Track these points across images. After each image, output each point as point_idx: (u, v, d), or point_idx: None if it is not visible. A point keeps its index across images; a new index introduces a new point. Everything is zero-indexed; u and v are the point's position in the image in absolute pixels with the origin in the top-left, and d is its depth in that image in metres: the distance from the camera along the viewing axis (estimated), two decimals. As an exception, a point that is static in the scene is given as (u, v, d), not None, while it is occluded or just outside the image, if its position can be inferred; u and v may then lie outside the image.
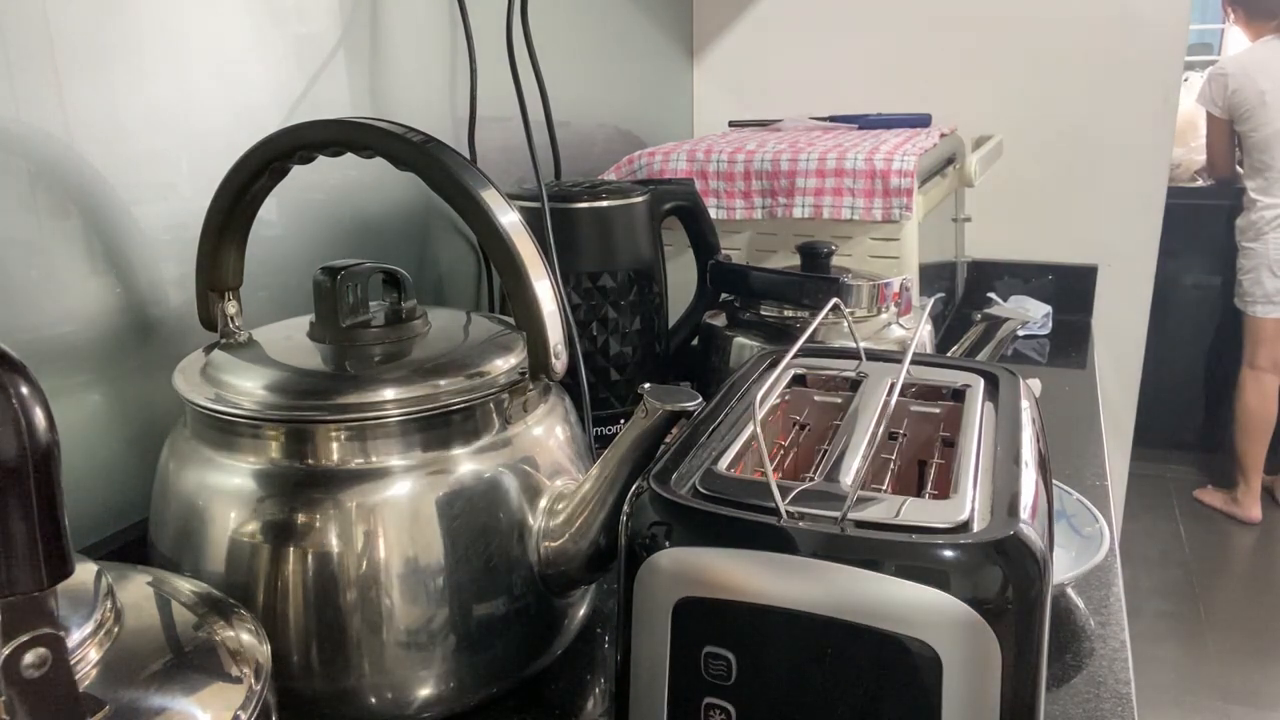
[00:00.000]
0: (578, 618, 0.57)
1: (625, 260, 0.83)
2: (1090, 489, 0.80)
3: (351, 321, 0.55)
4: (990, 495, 0.40)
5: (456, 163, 0.50)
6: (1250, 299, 2.55)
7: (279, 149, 0.53)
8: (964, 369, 0.56)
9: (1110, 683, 0.55)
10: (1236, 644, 2.18)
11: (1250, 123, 2.40)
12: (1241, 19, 2.52)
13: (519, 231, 0.50)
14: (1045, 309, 1.35)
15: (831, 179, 0.97)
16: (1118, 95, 1.36)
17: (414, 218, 0.87)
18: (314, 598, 0.47)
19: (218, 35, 0.65)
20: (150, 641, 0.35)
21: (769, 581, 0.37)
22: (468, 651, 0.50)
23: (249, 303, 0.59)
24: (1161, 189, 1.39)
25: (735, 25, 1.52)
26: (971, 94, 1.41)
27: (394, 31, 0.82)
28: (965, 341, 0.74)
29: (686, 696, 0.39)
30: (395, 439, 0.49)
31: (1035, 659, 0.37)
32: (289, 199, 0.72)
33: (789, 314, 0.85)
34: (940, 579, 0.35)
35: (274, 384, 0.50)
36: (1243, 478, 2.71)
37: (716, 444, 0.46)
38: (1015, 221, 1.44)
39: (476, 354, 0.53)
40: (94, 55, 0.57)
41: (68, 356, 0.57)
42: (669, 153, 1.04)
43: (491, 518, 0.50)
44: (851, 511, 0.38)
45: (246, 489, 0.48)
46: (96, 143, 0.57)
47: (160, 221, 0.62)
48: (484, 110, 0.89)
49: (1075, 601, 0.63)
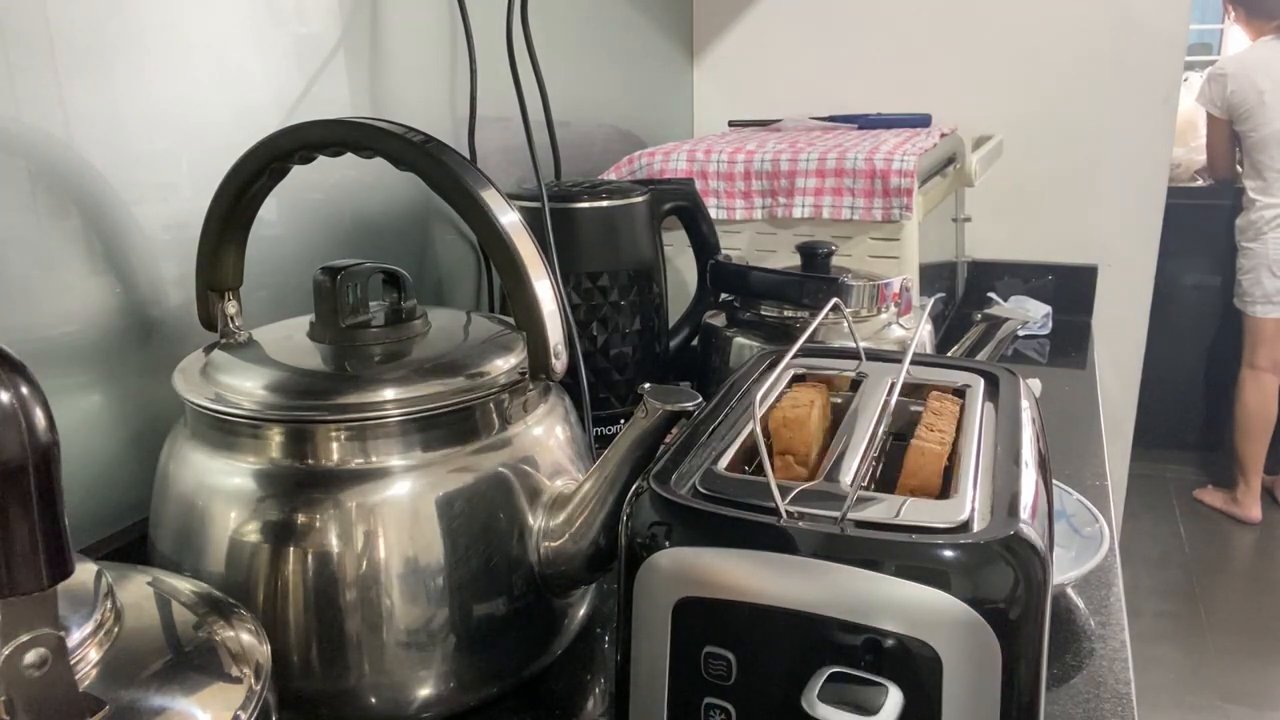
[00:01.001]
0: (578, 618, 0.57)
1: (625, 260, 0.83)
2: (1090, 489, 0.80)
3: (351, 321, 0.55)
4: (990, 495, 0.40)
5: (456, 163, 0.50)
6: (1250, 299, 2.55)
7: (279, 149, 0.53)
8: (964, 369, 0.56)
9: (1110, 683, 0.55)
10: (1236, 644, 2.18)
11: (1250, 123, 2.40)
12: (1241, 18, 2.52)
13: (519, 231, 0.50)
14: (1045, 309, 1.35)
15: (831, 179, 0.97)
16: (1118, 95, 1.36)
17: (414, 218, 0.87)
18: (314, 598, 0.47)
19: (218, 35, 0.65)
20: (150, 641, 0.35)
21: (769, 581, 0.37)
22: (468, 651, 0.50)
23: (249, 303, 0.59)
24: (1161, 189, 1.39)
25: (735, 25, 1.52)
26: (971, 94, 1.41)
27: (394, 31, 0.82)
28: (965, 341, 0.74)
29: (686, 696, 0.39)
30: (395, 439, 0.49)
31: (1035, 659, 0.37)
32: (289, 199, 0.72)
33: (789, 314, 0.85)
34: (940, 579, 0.35)
35: (274, 384, 0.50)
36: (1243, 478, 2.71)
37: (716, 444, 0.46)
38: (1015, 221, 1.44)
39: (476, 354, 0.53)
40: (94, 55, 0.57)
41: (68, 356, 0.57)
42: (669, 153, 1.04)
43: (491, 518, 0.50)
44: (851, 511, 0.38)
45: (246, 489, 0.48)
46: (96, 143, 0.57)
47: (160, 221, 0.62)
48: (484, 110, 0.89)
49: (1075, 601, 0.63)
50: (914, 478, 0.45)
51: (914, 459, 0.45)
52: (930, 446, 0.45)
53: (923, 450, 0.45)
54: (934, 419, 0.49)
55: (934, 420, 0.48)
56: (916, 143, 1.03)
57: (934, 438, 0.46)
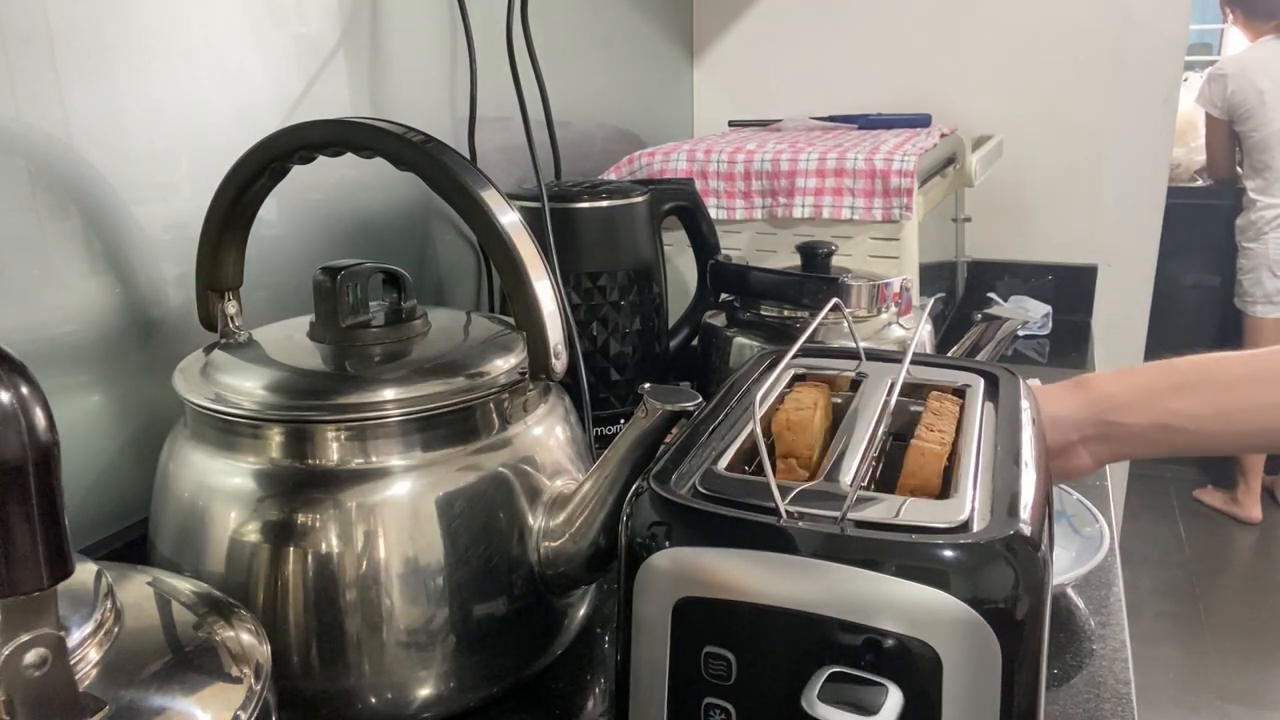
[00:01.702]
0: (578, 618, 0.57)
1: (625, 260, 0.83)
2: (1090, 489, 0.80)
3: (351, 321, 0.55)
4: (990, 495, 0.40)
5: (456, 163, 0.50)
6: (1250, 299, 2.54)
7: (279, 149, 0.53)
8: (964, 369, 0.56)
9: (1110, 683, 0.55)
10: (1236, 644, 2.18)
11: (1250, 123, 2.40)
12: (1240, 19, 2.52)
13: (519, 231, 0.50)
14: (1045, 309, 1.35)
15: (831, 179, 0.97)
16: (1118, 95, 1.36)
17: (414, 218, 0.87)
18: (314, 598, 0.47)
19: (218, 35, 0.65)
20: (150, 641, 0.35)
21: (769, 581, 0.37)
22: (468, 651, 0.50)
23: (249, 303, 0.59)
24: (1161, 189, 1.39)
25: (735, 25, 1.52)
26: (971, 94, 1.41)
27: (394, 31, 0.82)
28: (965, 341, 0.74)
29: (686, 696, 0.39)
30: (395, 439, 0.49)
31: (1035, 659, 0.37)
32: (289, 199, 0.72)
33: (789, 314, 0.85)
34: (940, 579, 0.35)
35: (274, 384, 0.50)
36: (1242, 478, 2.71)
37: (716, 444, 0.46)
38: (1015, 221, 1.44)
39: (476, 354, 0.53)
40: (94, 55, 0.57)
41: (68, 356, 0.57)
42: (669, 153, 1.04)
43: (491, 518, 0.50)
44: (851, 511, 0.38)
45: (246, 489, 0.48)
46: (96, 143, 0.57)
47: (160, 221, 0.62)
48: (484, 110, 0.89)
49: (1075, 601, 0.63)
50: (914, 478, 0.45)
51: (914, 459, 0.45)
52: (930, 446, 0.45)
53: (922, 450, 0.45)
54: (934, 419, 0.49)
55: (934, 420, 0.48)
56: (916, 143, 1.03)
57: (934, 438, 0.46)
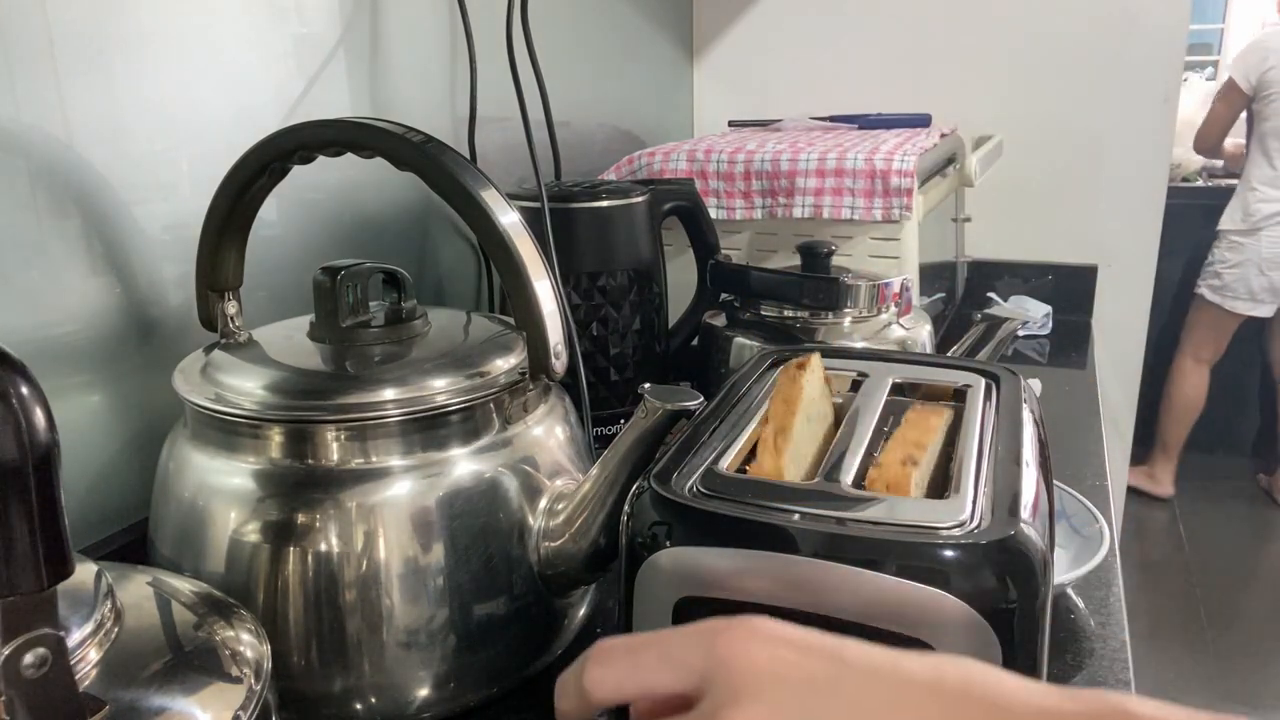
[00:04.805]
0: (578, 618, 0.57)
1: (625, 260, 0.83)
2: (1090, 489, 0.80)
3: (351, 321, 0.55)
4: (991, 495, 0.40)
5: (456, 163, 0.50)
6: (1231, 294, 2.49)
7: (279, 149, 0.53)
8: (964, 369, 0.56)
9: (1110, 683, 0.55)
10: (1236, 644, 2.18)
11: (1274, 105, 2.31)
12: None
13: (519, 231, 0.50)
14: (1045, 309, 1.35)
15: (831, 179, 0.97)
16: (1118, 95, 1.36)
17: (414, 218, 0.87)
18: (314, 598, 0.47)
19: (218, 35, 0.65)
20: (150, 641, 0.35)
21: (769, 581, 0.37)
22: (468, 651, 0.50)
23: (249, 303, 0.59)
24: (1161, 189, 1.39)
25: (735, 25, 1.52)
26: (971, 94, 1.41)
27: (394, 31, 0.82)
28: (965, 341, 0.74)
29: (687, 696, 0.39)
30: (395, 439, 0.49)
31: (1035, 659, 0.37)
32: (289, 199, 0.72)
33: (789, 314, 0.85)
34: (940, 579, 0.35)
35: (274, 384, 0.50)
36: (1163, 454, 2.77)
37: (717, 444, 0.46)
38: (1015, 221, 1.44)
39: (476, 354, 0.53)
40: (94, 55, 0.57)
41: (68, 356, 0.57)
42: (669, 153, 1.04)
43: (491, 518, 0.50)
44: (851, 511, 0.38)
45: (246, 489, 0.48)
46: (96, 143, 0.57)
47: (160, 221, 0.62)
48: (484, 110, 0.89)
49: (1075, 601, 0.63)
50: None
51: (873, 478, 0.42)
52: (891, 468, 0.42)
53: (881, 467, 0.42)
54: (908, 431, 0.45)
55: (907, 432, 0.45)
56: (916, 143, 1.03)
57: (893, 457, 0.43)
